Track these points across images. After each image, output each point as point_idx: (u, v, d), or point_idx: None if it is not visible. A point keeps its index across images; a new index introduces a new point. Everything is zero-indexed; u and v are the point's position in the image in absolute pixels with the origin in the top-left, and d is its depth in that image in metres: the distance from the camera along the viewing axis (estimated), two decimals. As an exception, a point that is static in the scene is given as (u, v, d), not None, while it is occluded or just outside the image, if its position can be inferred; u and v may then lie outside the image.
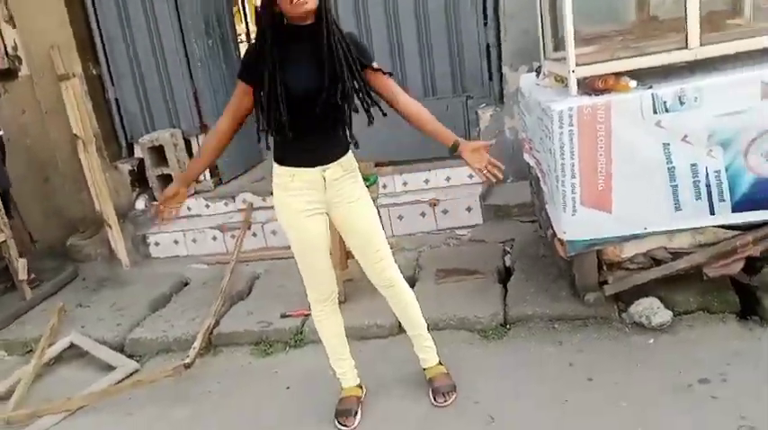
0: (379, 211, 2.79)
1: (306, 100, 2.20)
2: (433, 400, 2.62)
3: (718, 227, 2.80)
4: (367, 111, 2.31)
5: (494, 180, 2.35)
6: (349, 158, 2.40)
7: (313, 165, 2.31)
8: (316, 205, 2.37)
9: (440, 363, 2.70)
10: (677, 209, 2.73)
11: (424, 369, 2.71)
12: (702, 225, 2.79)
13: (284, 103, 2.17)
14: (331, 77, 2.18)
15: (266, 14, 2.17)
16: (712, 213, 2.73)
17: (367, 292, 3.06)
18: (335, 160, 2.34)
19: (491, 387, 2.68)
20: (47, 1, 4.78)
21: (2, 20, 4.88)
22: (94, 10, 4.99)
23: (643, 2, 3.30)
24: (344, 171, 2.37)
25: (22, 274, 4.29)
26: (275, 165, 2.38)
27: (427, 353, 2.69)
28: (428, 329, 2.68)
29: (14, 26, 4.90)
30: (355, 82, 2.25)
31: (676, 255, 2.89)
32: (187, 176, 2.55)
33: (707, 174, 2.67)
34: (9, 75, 5.00)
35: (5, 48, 4.93)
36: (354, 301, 3.42)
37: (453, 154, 2.39)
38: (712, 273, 2.85)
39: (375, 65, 2.32)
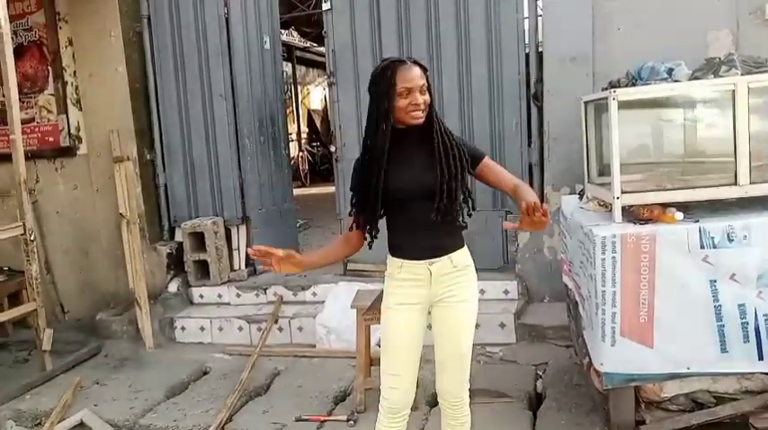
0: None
1: (415, 196, 2.22)
2: None
3: (767, 374, 2.64)
4: (468, 213, 2.30)
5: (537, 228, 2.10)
6: (461, 254, 2.32)
7: (420, 258, 2.28)
8: (418, 300, 2.30)
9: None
10: (723, 350, 2.59)
11: None
12: (750, 370, 2.63)
13: (390, 200, 2.22)
14: (444, 175, 2.19)
15: (382, 117, 2.19)
16: (761, 358, 2.58)
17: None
18: (444, 254, 2.28)
19: None
20: (114, 89, 5.08)
21: (70, 102, 5.20)
22: (157, 101, 5.28)
23: (692, 136, 3.31)
24: (454, 267, 2.29)
25: (47, 345, 4.30)
26: (388, 254, 2.36)
27: None
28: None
29: (81, 109, 5.22)
30: (463, 180, 2.25)
31: (721, 399, 2.72)
32: (303, 259, 2.32)
33: (756, 317, 2.55)
34: (68, 152, 5.27)
35: (69, 128, 5.23)
36: (375, 411, 3.27)
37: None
38: (759, 424, 2.65)
39: (487, 157, 2.33)
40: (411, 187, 2.21)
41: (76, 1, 5.04)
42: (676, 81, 2.86)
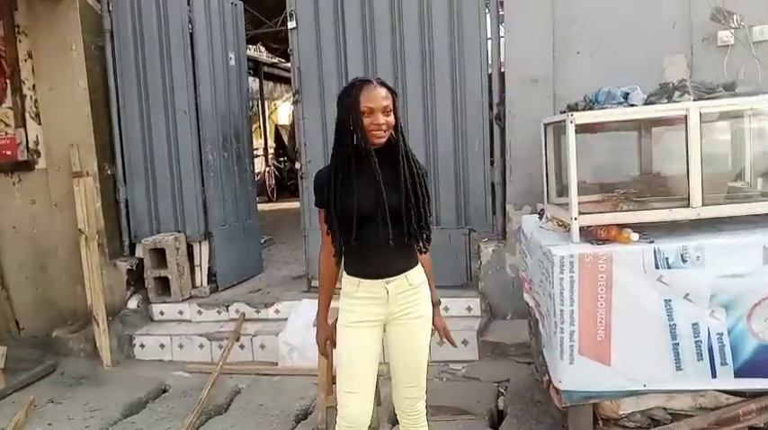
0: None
1: (374, 217, 2.22)
2: None
3: (720, 391, 2.71)
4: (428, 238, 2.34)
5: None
6: (416, 272, 2.36)
7: (377, 277, 2.30)
8: (375, 317, 2.32)
9: None
10: (678, 368, 2.65)
11: None
12: (703, 388, 2.70)
13: (353, 221, 2.21)
14: (410, 199, 2.23)
15: (345, 137, 2.22)
16: (714, 376, 2.65)
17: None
18: (400, 273, 2.31)
19: None
20: (74, 103, 5.00)
21: (28, 116, 5.10)
22: (118, 115, 5.21)
23: (647, 158, 3.41)
24: (410, 285, 2.33)
25: (0, 362, 4.17)
26: (344, 273, 2.38)
27: None
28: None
29: (40, 123, 5.11)
30: (428, 207, 2.30)
31: (676, 416, 2.77)
32: (324, 314, 2.48)
33: (709, 336, 2.62)
34: (26, 166, 5.15)
35: (27, 142, 5.12)
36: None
37: None
38: (713, 440, 2.71)
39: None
40: (371, 207, 2.22)
41: (37, 14, 4.96)
42: (632, 105, 2.94)
